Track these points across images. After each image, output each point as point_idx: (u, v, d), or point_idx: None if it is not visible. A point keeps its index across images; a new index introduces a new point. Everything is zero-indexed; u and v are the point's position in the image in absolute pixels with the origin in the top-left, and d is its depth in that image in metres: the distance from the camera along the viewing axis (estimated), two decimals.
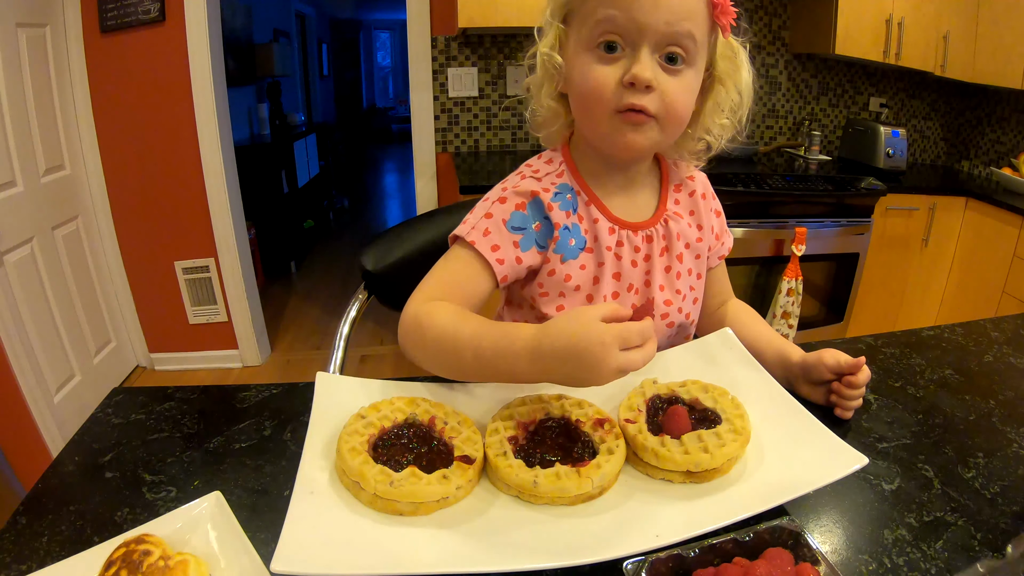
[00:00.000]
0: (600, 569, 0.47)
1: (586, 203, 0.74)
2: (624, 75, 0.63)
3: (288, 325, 3.16)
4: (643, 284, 0.77)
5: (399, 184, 6.89)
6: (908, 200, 2.45)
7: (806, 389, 0.72)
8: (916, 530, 0.54)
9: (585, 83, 0.65)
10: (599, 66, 0.64)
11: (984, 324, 0.97)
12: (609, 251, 0.74)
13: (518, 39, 2.56)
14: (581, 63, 0.66)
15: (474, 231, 0.70)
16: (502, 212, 0.71)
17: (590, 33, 0.64)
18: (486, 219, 0.71)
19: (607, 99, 0.64)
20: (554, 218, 0.72)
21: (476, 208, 0.74)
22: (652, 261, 0.76)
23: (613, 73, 0.64)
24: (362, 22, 8.36)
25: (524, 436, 0.59)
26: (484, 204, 0.74)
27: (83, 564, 0.46)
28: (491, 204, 0.72)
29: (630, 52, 0.63)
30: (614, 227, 0.74)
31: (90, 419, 0.68)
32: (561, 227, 0.72)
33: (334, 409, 0.61)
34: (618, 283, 0.75)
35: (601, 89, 0.64)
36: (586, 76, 0.65)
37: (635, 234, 0.75)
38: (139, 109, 2.28)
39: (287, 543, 0.45)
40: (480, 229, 0.70)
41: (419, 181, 2.66)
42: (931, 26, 2.50)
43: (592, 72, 0.64)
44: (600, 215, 0.74)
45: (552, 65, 0.69)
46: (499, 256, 0.70)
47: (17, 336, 1.89)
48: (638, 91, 0.63)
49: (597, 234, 0.73)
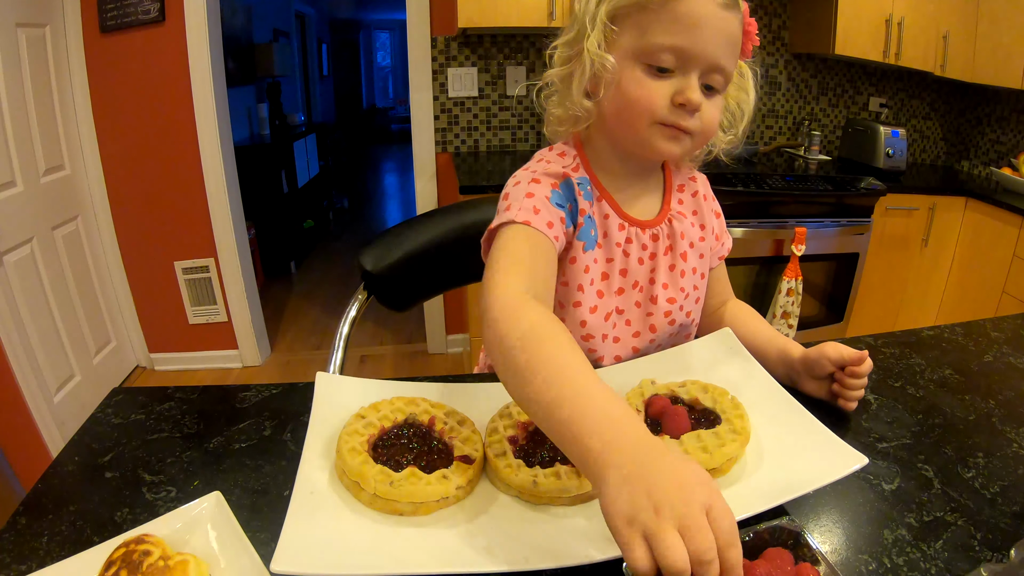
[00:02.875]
0: (600, 569, 0.47)
1: (598, 198, 0.75)
2: (675, 94, 0.66)
3: (288, 325, 3.16)
4: (647, 282, 0.78)
5: (399, 184, 6.89)
6: (908, 200, 2.45)
7: (809, 384, 0.72)
8: (916, 530, 0.54)
9: (635, 94, 0.67)
10: (651, 80, 0.66)
11: (984, 324, 0.97)
12: (618, 247, 0.75)
13: (518, 39, 2.56)
14: (632, 74, 0.67)
15: (522, 212, 0.67)
16: (543, 191, 0.71)
17: (647, 50, 0.65)
18: (529, 199, 0.69)
19: (655, 113, 0.67)
20: (580, 204, 0.73)
21: (511, 195, 0.71)
22: (657, 259, 0.77)
23: (664, 90, 0.66)
24: (362, 22, 8.36)
25: (524, 436, 0.59)
26: (519, 188, 0.71)
27: (83, 564, 0.46)
28: (526, 186, 0.71)
29: (680, 75, 0.66)
30: (624, 224, 0.75)
31: (90, 419, 0.68)
32: (586, 214, 0.73)
33: (334, 409, 0.61)
34: (624, 279, 0.76)
35: (652, 104, 0.66)
36: (637, 88, 0.67)
37: (643, 232, 0.76)
38: (139, 109, 2.28)
39: (287, 543, 0.45)
40: (528, 209, 0.68)
41: (419, 181, 2.66)
42: (931, 26, 2.50)
43: (644, 86, 0.66)
44: (611, 211, 0.75)
45: (600, 66, 0.67)
46: (555, 233, 0.69)
47: (17, 336, 1.89)
48: (685, 112, 0.66)
49: (608, 230, 0.75)
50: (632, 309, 0.78)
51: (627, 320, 0.78)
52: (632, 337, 0.79)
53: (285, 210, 3.79)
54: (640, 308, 0.78)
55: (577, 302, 0.75)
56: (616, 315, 0.77)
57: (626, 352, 0.79)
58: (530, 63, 2.61)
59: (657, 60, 0.65)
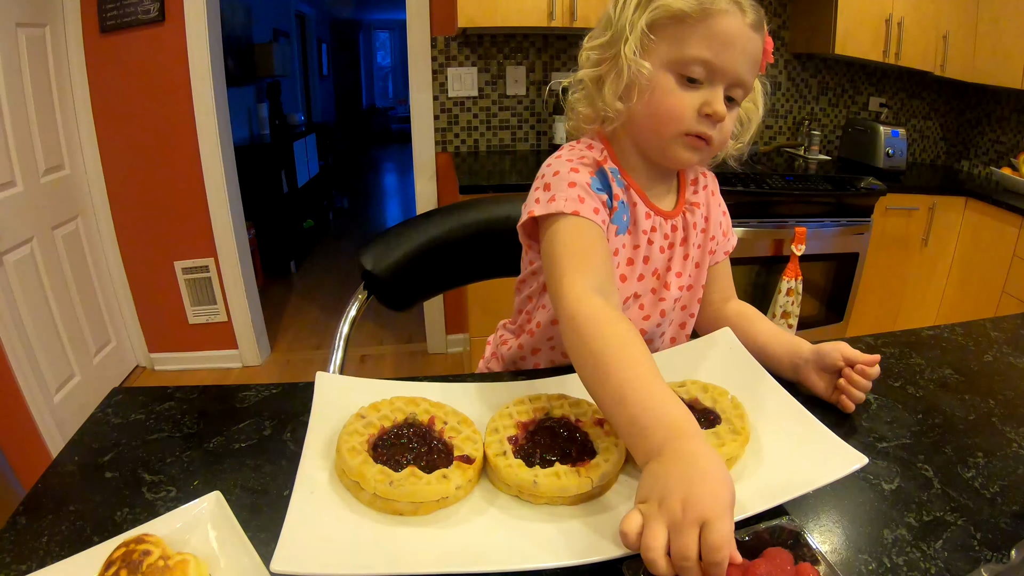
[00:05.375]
0: (600, 569, 0.47)
1: (626, 187, 0.77)
2: (702, 105, 0.69)
3: (288, 325, 3.16)
4: (664, 270, 0.81)
5: (399, 184, 6.88)
6: (908, 200, 2.45)
7: (813, 378, 0.72)
8: (916, 530, 0.54)
9: (667, 102, 0.70)
10: (682, 91, 0.69)
11: (984, 324, 0.97)
12: (645, 235, 0.78)
13: (518, 39, 2.56)
14: (666, 83, 0.70)
15: (570, 202, 0.70)
16: (583, 177, 0.72)
17: (681, 60, 0.68)
18: (572, 188, 0.71)
19: (683, 123, 0.70)
20: (615, 189, 0.75)
21: (552, 185, 0.72)
22: (674, 249, 0.81)
23: (692, 100, 0.69)
24: (362, 22, 8.36)
25: (524, 436, 0.59)
26: (559, 178, 0.72)
27: (83, 564, 0.46)
28: (567, 174, 0.72)
29: (707, 86, 0.69)
30: (650, 212, 0.78)
31: (90, 419, 0.68)
32: (619, 199, 0.76)
33: (334, 409, 0.61)
34: (645, 266, 0.80)
35: (682, 114, 0.70)
36: (669, 96, 0.70)
37: (666, 222, 0.80)
38: (139, 109, 2.28)
39: (287, 543, 0.45)
40: (574, 198, 0.70)
41: (419, 181, 2.66)
42: (931, 26, 2.50)
43: (675, 96, 0.70)
44: (639, 200, 0.78)
45: (637, 72, 0.69)
46: (601, 218, 0.71)
47: (17, 336, 1.89)
48: (711, 122, 0.70)
49: (636, 217, 0.77)
50: (648, 294, 0.81)
51: (641, 304, 0.81)
52: (643, 320, 0.81)
53: (285, 210, 3.79)
54: (655, 294, 0.81)
55: None
56: (633, 299, 0.80)
57: None
58: (530, 63, 2.61)
59: (689, 71, 0.68)
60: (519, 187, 0.72)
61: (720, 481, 0.44)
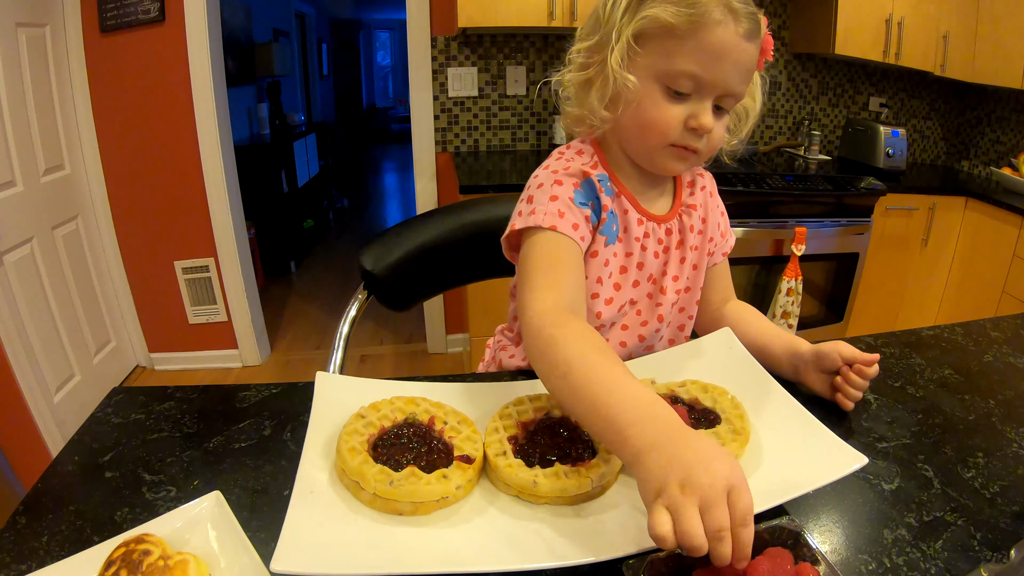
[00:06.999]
0: (600, 569, 0.47)
1: (617, 194, 0.76)
2: (688, 118, 0.68)
3: (288, 325, 3.16)
4: (660, 274, 0.81)
5: (399, 184, 6.88)
6: (908, 200, 2.45)
7: (812, 377, 0.73)
8: (916, 530, 0.54)
9: (652, 116, 0.69)
10: (669, 104, 0.68)
11: (984, 324, 0.97)
12: (637, 242, 0.77)
13: (518, 39, 2.56)
14: (652, 95, 0.68)
15: (548, 216, 0.69)
16: (566, 192, 0.72)
17: (669, 73, 0.67)
18: (553, 202, 0.70)
19: (668, 135, 0.69)
20: (602, 200, 0.74)
21: (535, 197, 0.72)
22: (670, 253, 0.80)
23: (679, 113, 0.68)
24: (362, 22, 8.36)
25: (524, 436, 0.59)
26: (541, 191, 0.72)
27: (83, 564, 0.46)
28: (550, 187, 0.72)
29: (695, 98, 0.68)
30: (642, 219, 0.77)
31: (90, 419, 0.68)
32: (608, 209, 0.75)
33: (334, 409, 0.61)
34: (640, 272, 0.79)
35: (668, 127, 0.69)
36: (655, 109, 0.68)
37: (659, 226, 0.79)
38: (139, 109, 2.28)
39: (287, 543, 0.45)
40: (553, 213, 0.70)
41: (419, 181, 2.66)
42: (931, 26, 2.50)
43: (661, 108, 0.68)
44: (630, 206, 0.77)
45: (623, 85, 0.68)
46: (580, 234, 0.71)
47: (17, 336, 1.89)
48: (697, 135, 0.69)
49: (628, 225, 0.76)
50: (644, 300, 0.81)
51: (638, 310, 0.81)
52: (640, 325, 0.81)
53: (285, 210, 3.79)
54: (651, 299, 0.81)
55: (595, 294, 0.76)
56: (629, 306, 0.80)
57: (632, 339, 0.81)
58: (530, 63, 2.61)
59: (676, 84, 0.67)
60: (519, 187, 0.73)
61: (719, 449, 0.45)
